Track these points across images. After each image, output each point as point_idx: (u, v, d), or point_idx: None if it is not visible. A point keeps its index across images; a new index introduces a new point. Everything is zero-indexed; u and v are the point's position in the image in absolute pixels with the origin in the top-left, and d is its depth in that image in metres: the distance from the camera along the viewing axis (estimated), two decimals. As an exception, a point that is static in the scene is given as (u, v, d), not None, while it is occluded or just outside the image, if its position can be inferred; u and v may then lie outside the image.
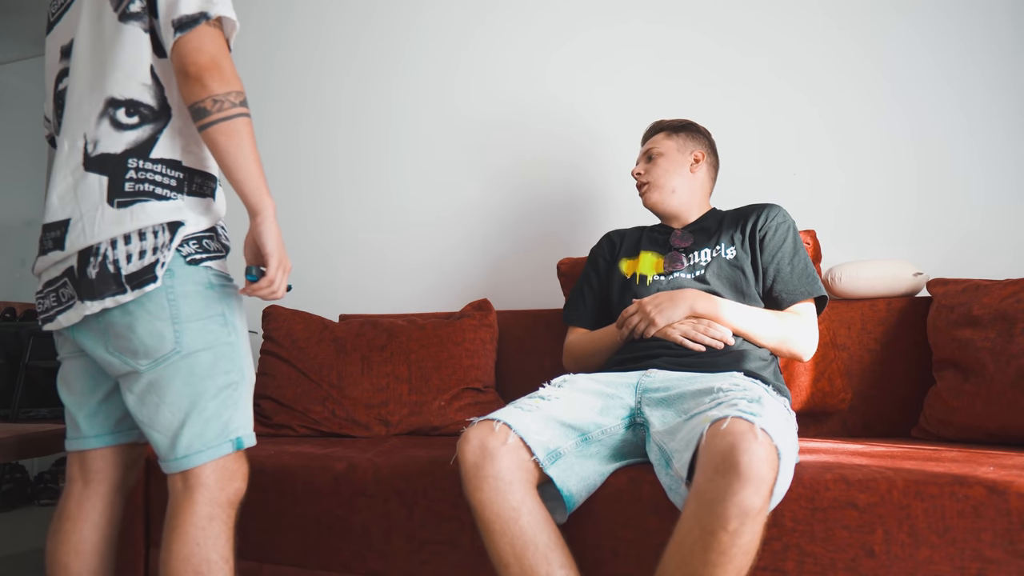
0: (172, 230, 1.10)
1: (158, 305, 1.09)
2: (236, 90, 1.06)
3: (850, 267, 1.81)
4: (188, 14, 1.05)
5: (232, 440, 1.13)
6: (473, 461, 1.18)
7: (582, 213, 2.24)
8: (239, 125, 1.05)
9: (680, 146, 1.67)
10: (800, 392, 1.67)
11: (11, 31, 4.41)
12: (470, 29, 2.42)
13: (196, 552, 1.07)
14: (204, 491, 1.10)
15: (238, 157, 1.06)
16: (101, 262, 1.08)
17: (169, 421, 1.11)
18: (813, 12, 2.06)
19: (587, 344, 1.66)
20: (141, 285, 1.07)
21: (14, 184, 4.71)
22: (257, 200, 1.08)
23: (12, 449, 1.75)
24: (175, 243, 1.10)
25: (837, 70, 2.03)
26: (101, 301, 1.08)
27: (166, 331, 1.09)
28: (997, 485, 1.06)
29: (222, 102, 1.04)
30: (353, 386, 1.90)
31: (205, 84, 1.03)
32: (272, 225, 1.10)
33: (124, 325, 1.09)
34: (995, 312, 1.53)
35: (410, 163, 2.46)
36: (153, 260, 1.08)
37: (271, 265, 1.10)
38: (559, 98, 2.29)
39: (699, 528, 1.01)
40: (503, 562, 1.15)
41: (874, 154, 1.99)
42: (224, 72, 1.05)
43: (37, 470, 3.37)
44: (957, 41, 1.94)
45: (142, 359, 1.10)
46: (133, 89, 1.10)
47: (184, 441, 1.10)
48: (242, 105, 1.06)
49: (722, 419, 1.06)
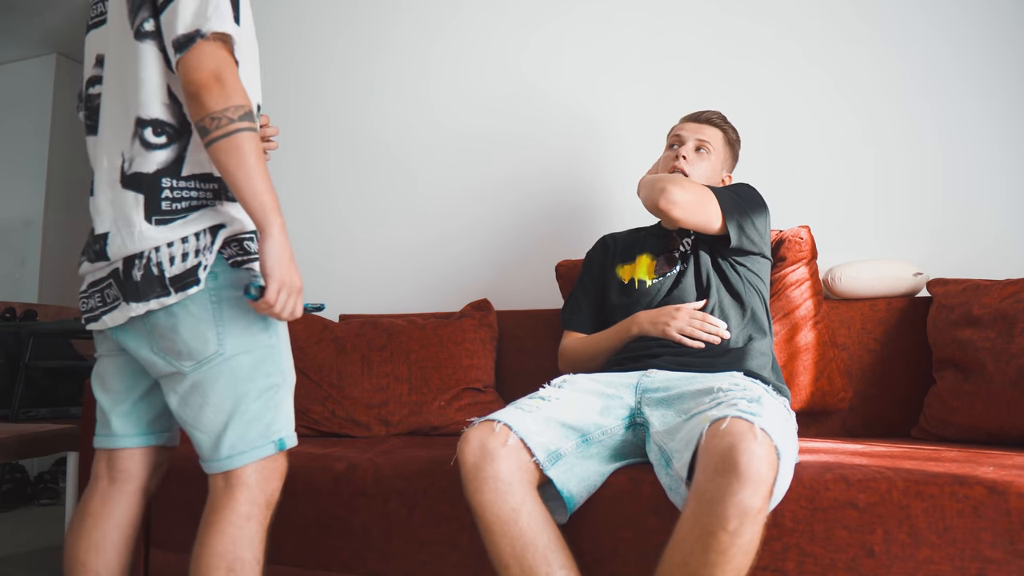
0: (213, 233, 1.11)
1: (201, 307, 1.10)
2: (236, 104, 1.03)
3: (850, 267, 1.81)
4: (183, 33, 1.04)
5: (274, 441, 1.15)
6: (473, 462, 1.18)
7: (582, 214, 2.24)
8: (239, 141, 1.03)
9: (724, 160, 1.68)
10: (800, 392, 1.67)
11: (11, 31, 4.41)
12: (471, 32, 2.42)
13: (231, 549, 1.08)
14: (245, 490, 1.11)
15: (239, 174, 1.04)
16: (146, 264, 1.08)
17: (213, 422, 1.12)
18: (812, 13, 2.06)
19: (584, 348, 1.66)
20: (184, 288, 1.08)
21: (14, 184, 4.71)
22: (261, 218, 1.06)
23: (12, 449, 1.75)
24: (216, 245, 1.10)
25: (837, 70, 2.04)
26: (146, 303, 1.08)
27: (209, 333, 1.10)
28: (997, 485, 1.06)
29: (219, 119, 1.02)
30: (353, 386, 1.90)
31: (203, 102, 1.02)
32: (275, 243, 1.06)
33: (168, 327, 1.10)
34: (995, 312, 1.53)
35: (410, 163, 2.46)
36: (196, 263, 1.09)
37: (270, 287, 1.07)
38: (560, 100, 2.29)
39: (699, 528, 1.01)
40: (503, 563, 1.15)
41: (874, 154, 1.99)
42: (225, 87, 1.03)
43: (37, 470, 3.37)
44: (958, 42, 1.94)
45: (186, 360, 1.11)
46: (156, 108, 1.11)
47: (228, 442, 1.11)
48: (243, 120, 1.03)
49: (722, 419, 1.06)
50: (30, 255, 4.59)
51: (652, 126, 2.07)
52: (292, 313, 1.10)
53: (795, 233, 1.73)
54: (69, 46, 4.64)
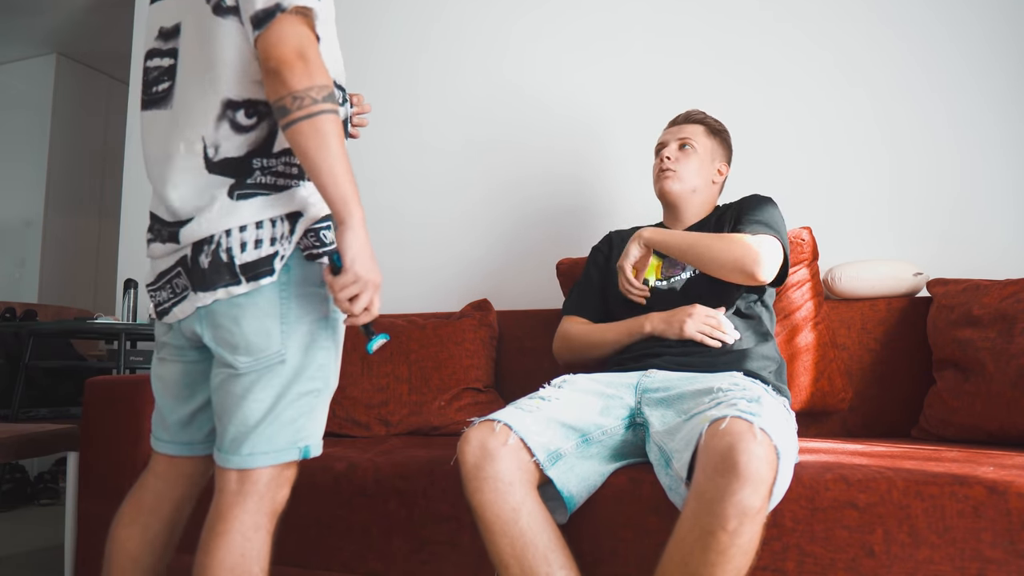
0: (292, 220, 1.04)
1: (269, 301, 1.03)
2: (320, 84, 0.96)
3: (850, 267, 1.81)
4: (262, 8, 0.97)
5: (300, 448, 1.09)
6: (473, 462, 1.18)
7: (582, 213, 2.24)
8: (322, 123, 0.95)
9: (713, 151, 1.68)
10: (800, 392, 1.67)
11: (11, 31, 4.42)
12: (471, 30, 2.42)
13: (240, 563, 1.03)
14: (256, 497, 1.06)
15: (320, 159, 0.96)
16: (214, 251, 1.01)
17: (247, 416, 1.05)
18: (816, 10, 2.06)
19: (588, 333, 1.63)
20: (257, 277, 1.01)
21: (14, 184, 4.71)
22: (341, 207, 0.98)
23: (12, 449, 1.75)
24: (296, 236, 1.04)
25: (838, 69, 2.04)
26: (213, 292, 1.02)
27: (273, 330, 1.03)
28: (997, 485, 1.06)
29: (302, 98, 0.95)
30: (353, 386, 1.90)
31: (284, 80, 0.95)
32: (356, 236, 1.00)
33: (230, 317, 1.03)
34: (995, 312, 1.53)
35: (410, 162, 2.46)
36: (272, 252, 1.02)
37: (346, 277, 1.00)
38: (560, 98, 2.29)
39: (698, 528, 1.01)
40: (503, 563, 1.15)
41: (874, 154, 1.99)
42: (309, 65, 0.95)
43: (37, 470, 3.37)
44: (958, 43, 1.94)
45: (242, 355, 1.03)
46: (248, 88, 1.03)
47: (254, 439, 1.05)
48: (326, 101, 0.96)
49: (721, 419, 1.06)
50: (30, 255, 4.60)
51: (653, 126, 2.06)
52: (368, 309, 1.03)
53: (796, 235, 1.73)
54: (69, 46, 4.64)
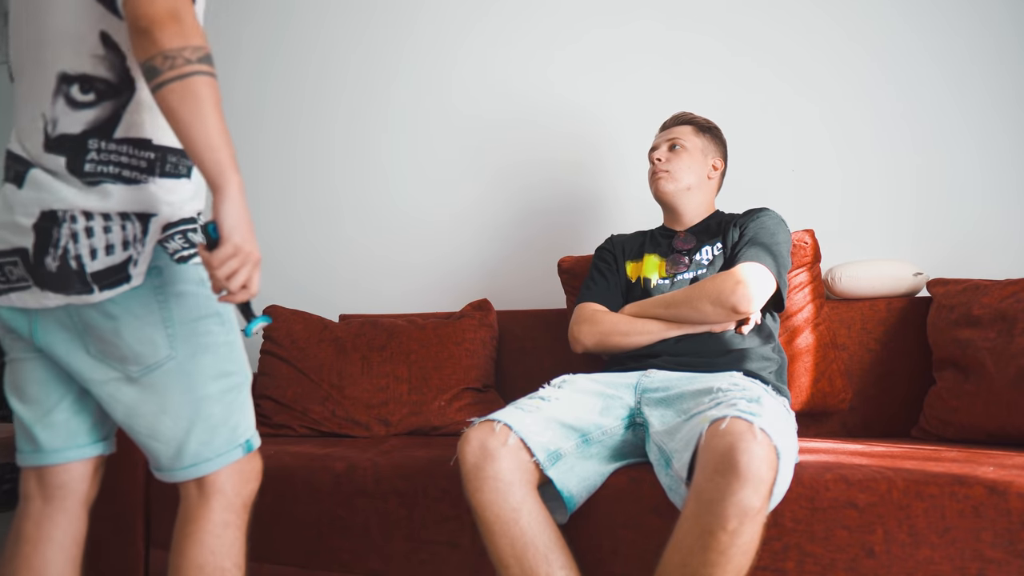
0: (144, 221, 0.97)
1: (146, 308, 0.98)
2: (194, 45, 0.88)
3: (850, 267, 1.81)
4: None
5: (242, 444, 1.06)
6: (473, 462, 1.18)
7: (583, 213, 2.24)
8: (195, 85, 0.87)
9: (704, 147, 1.68)
10: (800, 392, 1.67)
11: (11, 31, 4.41)
12: (469, 26, 2.42)
13: (211, 560, 1.02)
14: (220, 498, 1.04)
15: (193, 122, 0.88)
16: (62, 256, 0.94)
17: (172, 431, 1.01)
18: (816, 15, 2.06)
19: (629, 323, 1.54)
20: (112, 285, 0.95)
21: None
22: (217, 174, 0.89)
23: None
24: (150, 237, 0.97)
25: (838, 71, 2.03)
26: (66, 296, 0.96)
27: (158, 336, 0.98)
28: (997, 485, 1.06)
29: (174, 58, 0.87)
30: (353, 386, 1.90)
31: (155, 38, 0.87)
32: (233, 204, 0.91)
33: (108, 330, 0.97)
34: (995, 312, 1.53)
35: (410, 162, 2.46)
36: (124, 258, 0.95)
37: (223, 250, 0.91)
38: (561, 97, 2.29)
39: (698, 528, 1.01)
40: (503, 563, 1.15)
41: (875, 154, 1.99)
42: (182, 25, 0.88)
43: (37, 470, 3.37)
44: (958, 43, 1.94)
45: (132, 365, 0.99)
46: (84, 63, 0.95)
47: (191, 450, 1.02)
48: (201, 62, 0.88)
49: (721, 419, 1.06)
50: (30, 255, 4.58)
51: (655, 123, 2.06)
52: (245, 287, 0.94)
53: (799, 238, 1.72)
54: None
